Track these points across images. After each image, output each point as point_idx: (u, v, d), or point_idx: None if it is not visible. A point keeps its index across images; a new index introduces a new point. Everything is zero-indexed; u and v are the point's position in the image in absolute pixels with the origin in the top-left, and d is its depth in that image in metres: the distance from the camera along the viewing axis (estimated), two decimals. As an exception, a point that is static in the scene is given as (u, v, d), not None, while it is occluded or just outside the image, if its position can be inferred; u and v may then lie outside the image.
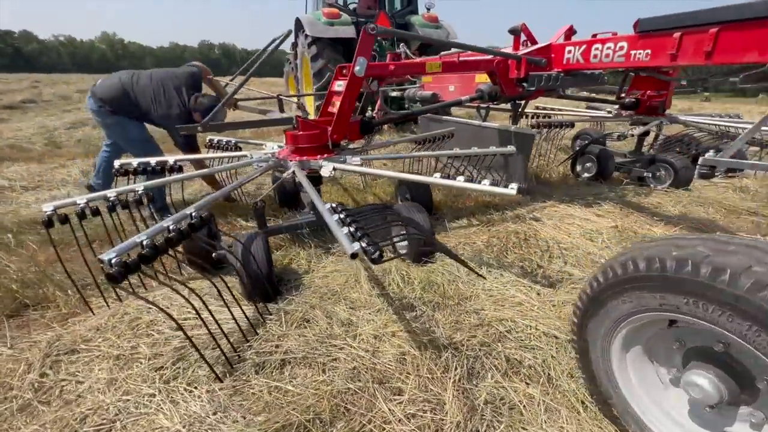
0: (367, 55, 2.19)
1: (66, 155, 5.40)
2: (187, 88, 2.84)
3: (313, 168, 2.35)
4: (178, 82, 2.83)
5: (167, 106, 2.75)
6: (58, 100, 11.94)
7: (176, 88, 2.80)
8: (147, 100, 2.76)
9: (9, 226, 2.93)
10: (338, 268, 2.28)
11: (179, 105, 2.77)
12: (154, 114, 2.77)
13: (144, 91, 2.78)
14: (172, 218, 1.59)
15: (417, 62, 2.53)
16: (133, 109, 2.80)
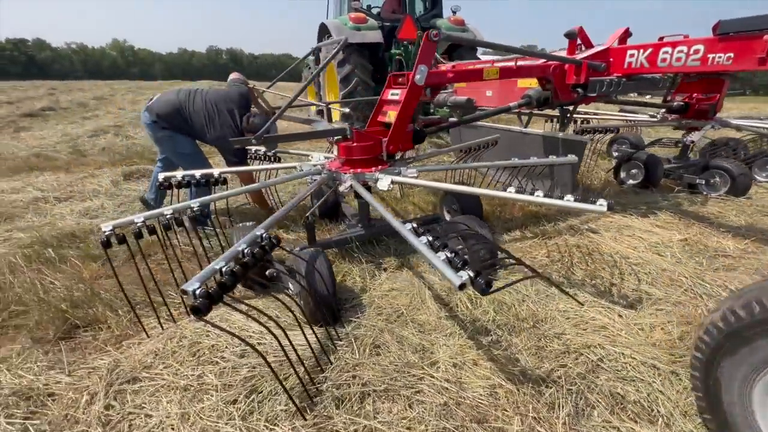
0: (428, 63, 2.09)
1: (92, 164, 5.38)
2: (239, 109, 2.80)
3: (367, 181, 2.25)
4: (231, 105, 2.78)
5: (220, 128, 2.70)
6: (76, 107, 12.05)
7: (229, 111, 2.75)
8: (200, 122, 2.72)
9: (49, 240, 2.88)
10: (396, 285, 2.17)
11: (231, 127, 2.73)
12: (207, 136, 2.73)
13: (198, 112, 2.74)
14: (245, 241, 1.50)
15: (475, 69, 2.42)
16: (185, 126, 2.76)
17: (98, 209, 3.57)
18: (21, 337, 1.96)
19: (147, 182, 4.44)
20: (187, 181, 2.50)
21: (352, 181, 2.10)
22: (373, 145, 2.28)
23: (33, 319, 2.06)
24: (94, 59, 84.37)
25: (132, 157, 5.73)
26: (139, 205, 3.59)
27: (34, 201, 3.74)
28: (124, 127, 8.31)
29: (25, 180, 4.48)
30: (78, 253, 2.72)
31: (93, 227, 3.16)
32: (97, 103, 13.26)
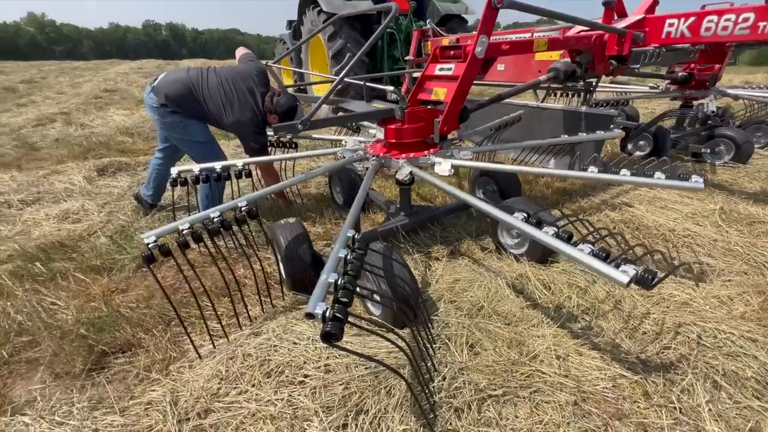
0: (489, 32, 1.90)
1: (49, 159, 4.68)
2: (259, 88, 2.42)
3: (422, 166, 2.07)
4: (251, 84, 2.39)
5: (240, 111, 2.33)
6: (4, 93, 10.46)
7: (249, 91, 2.37)
8: (216, 104, 2.33)
9: (33, 252, 2.44)
10: (459, 275, 2.05)
11: (253, 109, 2.36)
12: (224, 120, 2.34)
13: (213, 93, 2.34)
14: (339, 244, 1.29)
15: (526, 41, 2.26)
16: (198, 110, 2.35)
17: (79, 212, 3.08)
18: (39, 373, 1.64)
19: (126, 177, 3.94)
20: (205, 176, 2.18)
21: (412, 168, 1.92)
22: (425, 126, 2.09)
23: (48, 350, 1.73)
24: (8, 36, 74.00)
25: (95, 148, 5.06)
26: (129, 204, 3.16)
27: (-5, 206, 3.17)
28: (72, 113, 7.32)
29: (-29, 181, 3.79)
30: (74, 265, 2.33)
31: (82, 234, 2.73)
32: (29, 88, 11.60)
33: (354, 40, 4.91)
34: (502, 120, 2.95)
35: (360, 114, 1.98)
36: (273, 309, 1.92)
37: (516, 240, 2.25)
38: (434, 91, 2.17)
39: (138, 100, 8.94)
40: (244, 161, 2.25)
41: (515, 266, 2.09)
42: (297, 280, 1.96)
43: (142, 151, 5.02)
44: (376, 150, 2.17)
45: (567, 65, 2.80)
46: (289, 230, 1.96)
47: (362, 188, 1.73)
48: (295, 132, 1.83)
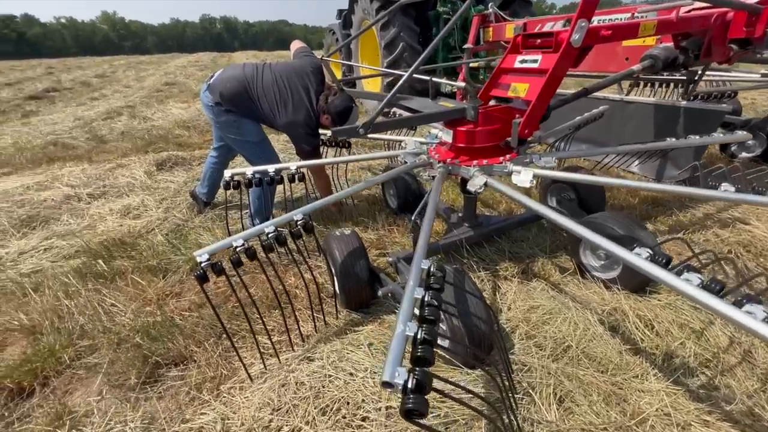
0: (590, 16, 1.57)
1: (115, 152, 4.93)
2: (314, 86, 2.26)
3: (496, 175, 1.79)
4: (306, 81, 2.24)
5: (294, 111, 2.19)
6: (80, 87, 11.42)
7: (305, 89, 2.22)
8: (270, 103, 2.21)
9: (96, 249, 2.50)
10: (535, 302, 1.77)
11: (307, 108, 2.21)
12: (278, 120, 2.22)
13: (267, 91, 2.21)
14: (413, 280, 1.07)
15: (630, 24, 1.88)
16: (252, 109, 2.25)
17: (139, 207, 3.16)
18: (97, 382, 1.62)
19: (182, 172, 4.02)
20: (258, 179, 2.07)
21: (487, 178, 1.65)
22: (501, 128, 1.81)
23: (106, 357, 1.71)
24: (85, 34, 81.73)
25: (156, 141, 5.27)
26: (185, 200, 3.18)
27: (66, 199, 3.34)
28: (136, 107, 7.76)
29: (49, 173, 4.06)
30: (133, 264, 2.34)
31: (141, 231, 2.77)
32: (101, 82, 12.58)
33: (408, 29, 4.63)
34: (583, 118, 2.56)
35: (427, 115, 1.74)
36: (326, 328, 1.77)
37: (603, 262, 1.91)
38: (512, 86, 1.87)
39: (194, 93, 9.32)
40: (298, 164, 2.10)
41: (605, 295, 1.77)
42: (352, 298, 1.79)
43: (197, 144, 5.15)
44: (442, 154, 1.92)
45: (668, 51, 2.34)
46: (345, 243, 1.79)
47: (431, 205, 1.50)
48: (356, 136, 1.63)
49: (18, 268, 2.43)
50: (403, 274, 1.81)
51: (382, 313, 1.85)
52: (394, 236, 2.52)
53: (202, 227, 2.75)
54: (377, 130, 1.65)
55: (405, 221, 2.65)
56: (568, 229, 1.30)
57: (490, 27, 4.15)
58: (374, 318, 1.81)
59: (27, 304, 2.07)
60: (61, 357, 1.71)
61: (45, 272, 2.34)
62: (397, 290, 1.72)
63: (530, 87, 1.76)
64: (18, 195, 3.44)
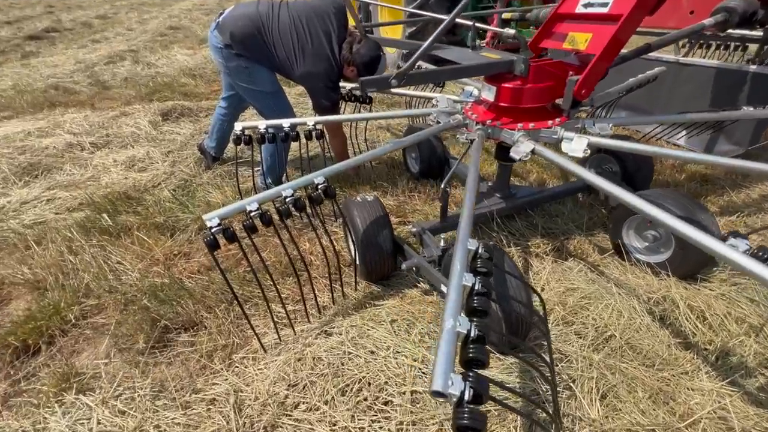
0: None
1: (118, 98, 4.68)
2: (338, 32, 1.96)
3: (543, 139, 1.57)
4: (328, 25, 1.93)
5: (313, 60, 1.91)
6: (81, 28, 10.86)
7: (326, 34, 1.92)
8: (287, 49, 1.93)
9: (100, 203, 2.37)
10: (571, 284, 1.62)
11: (329, 57, 1.93)
12: (295, 70, 1.95)
13: (284, 35, 1.92)
14: (458, 263, 0.91)
15: None
16: (266, 54, 1.98)
17: (144, 159, 2.99)
18: (104, 343, 1.55)
19: (188, 123, 3.80)
20: (272, 135, 1.87)
21: (534, 145, 1.44)
22: (554, 87, 1.56)
23: (113, 318, 1.63)
24: (85, -29, 76.81)
25: (160, 90, 4.98)
26: (192, 154, 3.00)
27: (69, 148, 3.17)
28: (139, 52, 7.34)
29: (51, 119, 3.86)
30: (138, 220, 2.22)
31: (147, 185, 2.62)
32: (103, 23, 11.92)
33: (435, -29, 4.13)
34: (636, 80, 2.26)
35: (469, 67, 1.49)
36: (343, 300, 1.66)
37: (647, 243, 1.73)
38: (570, 37, 1.59)
39: (200, 39, 8.77)
40: (315, 120, 1.89)
41: (651, 281, 1.61)
42: (373, 270, 1.66)
43: (204, 95, 4.87)
44: (480, 115, 1.69)
45: (747, 4, 2.00)
46: (367, 210, 1.62)
47: (472, 173, 1.30)
48: (388, 88, 1.41)
49: (20, 218, 2.32)
50: (429, 246, 1.66)
51: (404, 286, 1.72)
52: (415, 203, 2.35)
53: (210, 184, 2.59)
54: (411, 82, 1.42)
55: (427, 187, 2.46)
56: (632, 206, 1.11)
57: (528, -30, 3.69)
58: (395, 292, 1.68)
59: (30, 257, 1.98)
60: (67, 315, 1.63)
61: (48, 224, 2.24)
62: (423, 264, 1.57)
63: (594, 37, 1.49)
64: (19, 141, 3.28)
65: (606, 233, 1.97)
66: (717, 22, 2.04)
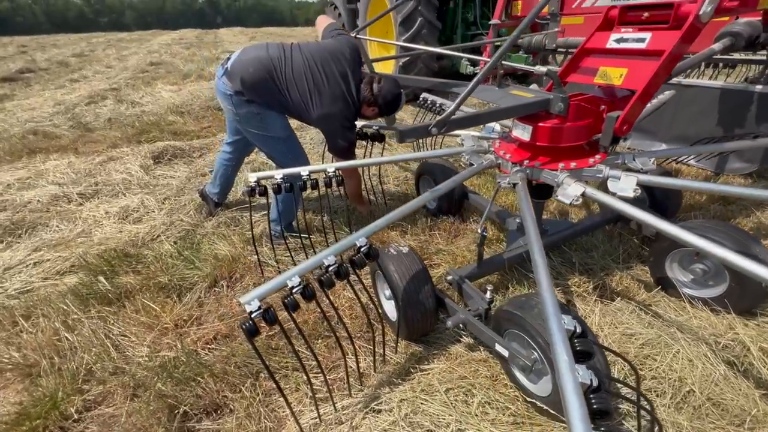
0: (724, -18, 1.24)
1: (103, 141, 4.48)
2: (354, 72, 1.88)
3: (586, 178, 1.50)
4: (344, 66, 1.85)
5: (331, 101, 1.81)
6: (57, 68, 10.61)
7: (342, 75, 1.83)
8: (302, 93, 1.82)
9: (95, 263, 2.16)
10: (628, 328, 1.51)
11: (345, 98, 1.83)
12: (311, 112, 1.85)
13: (298, 78, 1.82)
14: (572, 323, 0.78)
15: None
16: (279, 98, 1.87)
17: (139, 209, 2.79)
18: (114, 439, 1.33)
19: (182, 165, 3.63)
20: (289, 184, 1.74)
21: (585, 187, 1.35)
22: (593, 124, 1.50)
23: (122, 408, 1.41)
24: (58, 10, 77.16)
25: (148, 129, 4.80)
26: (190, 199, 2.82)
27: (54, 200, 2.95)
28: (121, 90, 7.17)
29: (31, 168, 3.63)
30: (140, 281, 2.02)
31: (145, 239, 2.43)
32: (80, 61, 11.72)
33: (426, 2, 4.18)
34: (651, 105, 2.24)
35: (510, 108, 1.42)
36: (384, 365, 1.50)
37: (694, 277, 1.66)
38: (601, 71, 1.55)
39: (183, 74, 8.68)
40: (336, 166, 1.78)
41: (712, 320, 1.52)
42: (415, 328, 1.51)
43: (194, 133, 4.72)
44: (514, 154, 1.61)
45: (752, 28, 2.04)
46: (404, 264, 1.49)
47: (530, 225, 1.19)
48: (427, 136, 1.31)
49: (4, 287, 2.08)
50: (472, 298, 1.53)
51: (446, 342, 1.58)
52: (437, 243, 2.23)
53: (215, 233, 2.41)
54: (451, 128, 1.33)
55: (446, 224, 2.36)
56: (686, 242, 1.04)
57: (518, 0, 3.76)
58: (439, 351, 1.54)
59: (18, 335, 1.75)
60: (66, 409, 1.41)
61: (37, 293, 2.01)
62: (470, 320, 1.44)
63: (630, 72, 1.45)
64: (-3, 195, 3.04)
65: (643, 264, 1.90)
66: (724, 46, 2.06)
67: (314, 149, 3.79)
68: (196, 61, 10.68)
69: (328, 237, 2.18)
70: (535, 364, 1.23)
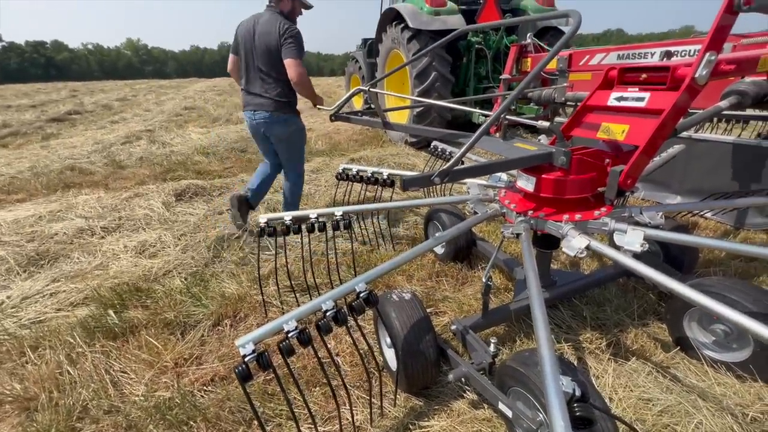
0: (719, 48, 1.30)
1: (132, 178, 4.76)
2: (276, 20, 2.57)
3: (591, 230, 1.48)
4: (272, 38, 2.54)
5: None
6: (101, 110, 11.58)
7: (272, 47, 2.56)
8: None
9: (107, 296, 2.21)
10: (644, 393, 1.41)
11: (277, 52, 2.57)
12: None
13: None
14: (570, 385, 0.75)
15: (751, 58, 1.62)
16: None
17: (156, 244, 2.89)
18: (97, 488, 1.28)
19: (201, 202, 3.79)
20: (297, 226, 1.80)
21: (590, 240, 1.34)
22: (596, 177, 1.51)
23: (112, 452, 1.38)
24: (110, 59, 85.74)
25: (174, 168, 5.10)
26: (205, 236, 2.90)
27: (79, 233, 3.10)
28: (155, 131, 7.71)
29: (64, 201, 3.86)
30: (147, 316, 2.04)
31: (157, 273, 2.49)
32: (122, 105, 12.78)
33: (440, 58, 4.47)
34: (660, 159, 2.26)
35: (513, 160, 1.46)
36: (382, 420, 1.43)
37: (716, 338, 1.55)
38: (604, 127, 1.59)
39: (213, 118, 9.33)
40: (344, 210, 1.83)
41: (737, 387, 1.41)
42: (415, 381, 1.45)
43: (216, 172, 4.97)
44: (519, 204, 1.62)
45: (759, 87, 2.05)
46: (406, 312, 1.47)
47: (532, 279, 1.18)
48: (430, 185, 1.35)
49: (19, 316, 2.14)
50: (476, 351, 1.48)
51: (448, 397, 1.50)
52: (444, 290, 2.20)
53: (224, 272, 2.45)
54: (455, 178, 1.37)
55: (454, 270, 2.33)
56: (697, 303, 0.99)
57: (528, 57, 3.96)
58: (441, 406, 1.46)
59: (23, 366, 1.77)
60: (57, 448, 1.38)
61: (48, 324, 2.05)
62: (473, 374, 1.38)
63: (631, 129, 1.48)
64: (29, 227, 3.21)
65: (661, 322, 1.80)
66: (731, 104, 2.09)
67: (327, 191, 3.90)
68: (226, 106, 11.50)
69: (334, 280, 2.18)
70: (541, 428, 1.15)
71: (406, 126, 4.50)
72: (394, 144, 5.79)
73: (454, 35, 1.98)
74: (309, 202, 3.65)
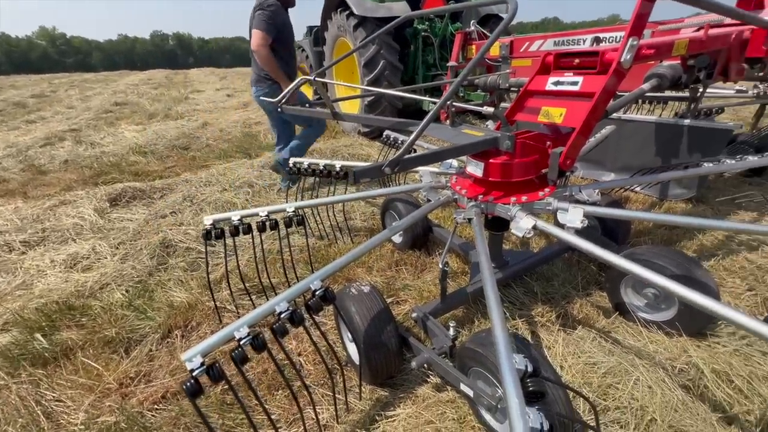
0: (640, 34, 1.39)
1: (56, 184, 4.27)
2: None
3: (537, 211, 1.55)
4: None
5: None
6: (12, 109, 10.22)
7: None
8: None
9: (33, 318, 1.97)
10: (590, 357, 1.52)
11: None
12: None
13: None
14: (523, 362, 0.77)
15: (668, 43, 1.75)
16: None
17: (89, 255, 2.62)
18: None
19: (141, 206, 3.48)
20: (247, 226, 1.71)
21: (536, 220, 1.40)
22: (539, 159, 1.58)
23: (48, 490, 1.24)
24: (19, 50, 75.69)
25: (107, 171, 4.64)
26: (148, 244, 2.68)
27: (-7, 250, 2.73)
28: (81, 131, 6.96)
29: (-30, 215, 3.37)
30: (83, 336, 1.86)
31: (93, 288, 2.26)
32: (38, 102, 11.37)
33: (388, 46, 4.43)
34: (595, 140, 2.42)
35: (458, 148, 1.48)
36: (348, 415, 1.41)
37: (647, 301, 1.72)
38: (543, 111, 1.65)
39: (149, 114, 8.57)
40: (296, 205, 1.76)
41: (666, 343, 1.56)
42: (379, 372, 1.45)
43: (157, 173, 4.59)
44: (469, 189, 1.66)
45: (674, 70, 2.26)
46: (365, 305, 1.46)
47: (483, 261, 1.21)
48: (381, 176, 1.33)
49: None
50: (437, 336, 1.51)
51: (412, 384, 1.52)
52: (404, 278, 2.22)
53: (172, 280, 2.28)
54: (405, 167, 1.36)
55: (413, 258, 2.36)
56: (630, 272, 1.09)
57: (473, 44, 4.05)
58: (406, 394, 1.47)
59: (-69, 409, 1.53)
60: (-20, 497, 1.22)
61: (-40, 357, 1.79)
62: (434, 359, 1.40)
63: (568, 112, 1.56)
64: (-73, 247, 2.77)
65: (602, 291, 1.95)
66: (652, 86, 2.28)
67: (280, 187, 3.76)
68: (163, 101, 10.63)
69: (291, 279, 2.12)
70: (500, 403, 1.20)
71: (356, 116, 4.43)
72: (347, 135, 5.70)
73: (398, 22, 1.95)
74: (261, 199, 3.49)
